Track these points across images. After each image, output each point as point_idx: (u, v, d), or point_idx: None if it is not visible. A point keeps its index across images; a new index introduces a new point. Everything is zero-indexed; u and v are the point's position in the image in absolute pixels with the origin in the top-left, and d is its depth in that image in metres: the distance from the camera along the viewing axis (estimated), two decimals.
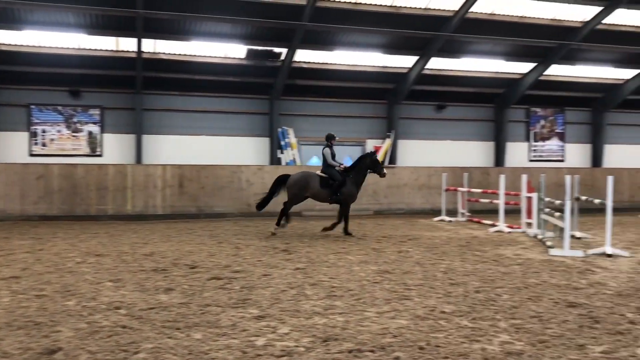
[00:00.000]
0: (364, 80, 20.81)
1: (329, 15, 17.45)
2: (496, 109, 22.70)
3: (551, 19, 18.89)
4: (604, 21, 18.77)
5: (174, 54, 18.60)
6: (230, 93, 20.13)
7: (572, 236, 11.56)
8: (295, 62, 19.31)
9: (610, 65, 21.68)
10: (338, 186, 12.65)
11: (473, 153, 22.65)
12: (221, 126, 20.22)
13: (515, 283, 7.67)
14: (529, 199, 13.79)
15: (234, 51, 19.23)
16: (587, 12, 18.65)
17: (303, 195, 12.84)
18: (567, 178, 10.73)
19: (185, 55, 18.69)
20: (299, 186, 12.74)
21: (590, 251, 10.31)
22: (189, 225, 15.09)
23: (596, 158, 23.65)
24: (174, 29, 17.57)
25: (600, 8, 18.25)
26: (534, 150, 23.18)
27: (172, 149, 19.43)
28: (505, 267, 8.96)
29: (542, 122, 23.25)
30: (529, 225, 13.64)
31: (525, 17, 18.65)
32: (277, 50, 19.02)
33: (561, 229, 10.67)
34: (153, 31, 17.37)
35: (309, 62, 19.84)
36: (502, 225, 14.17)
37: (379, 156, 20.44)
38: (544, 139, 23.23)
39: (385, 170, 13.08)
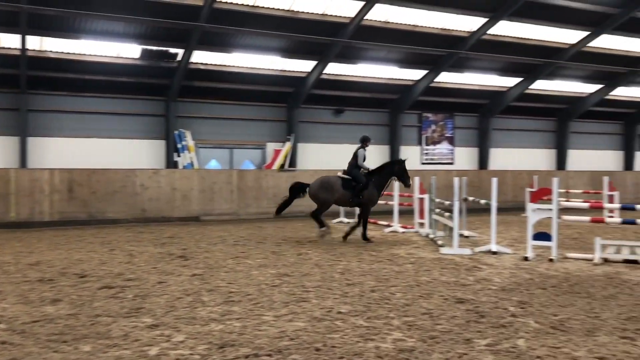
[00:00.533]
0: (264, 84, 20.80)
1: (227, 17, 17.28)
2: (391, 113, 23.48)
3: (441, 29, 19.82)
4: (489, 32, 19.96)
5: (63, 53, 17.65)
6: (123, 94, 19.40)
7: (461, 235, 12.14)
8: (193, 63, 18.94)
9: (495, 74, 23.07)
10: (361, 189, 12.31)
11: (369, 156, 23.18)
12: (114, 128, 19.43)
13: (408, 281, 7.94)
14: (421, 200, 14.34)
15: (128, 51, 18.56)
16: (473, 23, 19.74)
17: (333, 197, 12.40)
18: (456, 180, 11.27)
19: (75, 54, 17.80)
20: (326, 188, 12.37)
21: (477, 249, 10.88)
22: (79, 232, 14.33)
23: (483, 161, 25.07)
24: (62, 26, 16.67)
25: (486, 19, 19.39)
26: (426, 153, 24.19)
27: (60, 152, 18.40)
28: (399, 266, 9.25)
29: (433, 126, 24.33)
30: (422, 225, 14.18)
31: (417, 26, 19.44)
32: (173, 50, 18.57)
33: (451, 229, 11.18)
34: (39, 28, 16.40)
35: (206, 64, 19.53)
36: (396, 225, 14.64)
37: (278, 160, 20.50)
38: (435, 142, 24.31)
39: (410, 181, 12.78)
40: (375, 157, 23.30)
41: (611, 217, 15.21)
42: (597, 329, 5.64)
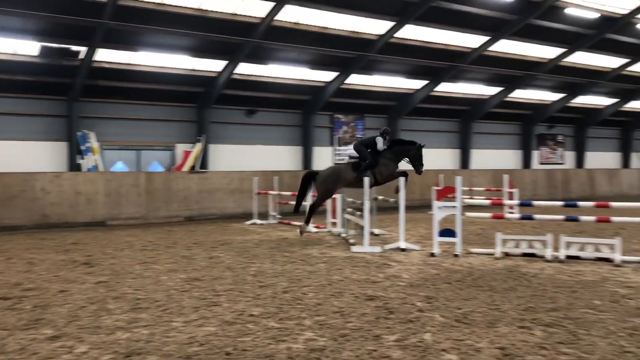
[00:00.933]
0: (173, 83, 20.31)
1: (133, 15, 16.73)
2: (303, 114, 23.63)
3: (351, 31, 20.16)
4: (396, 35, 20.51)
5: None
6: (21, 93, 18.34)
7: (372, 233, 12.40)
8: (96, 61, 18.19)
9: (402, 76, 23.77)
10: (366, 167, 12.13)
11: (283, 157, 23.32)
12: (12, 129, 18.33)
13: (321, 281, 8.01)
14: (334, 199, 14.51)
15: (26, 48, 17.53)
16: (381, 27, 20.23)
17: (337, 188, 12.38)
18: (366, 179, 11.49)
19: None
20: (333, 180, 12.29)
21: (387, 246, 11.15)
22: None
23: None
24: None
25: (393, 23, 19.92)
26: (338, 154, 24.53)
27: None
28: (311, 265, 9.31)
29: (345, 127, 24.73)
30: (334, 224, 14.36)
31: (328, 28, 19.67)
32: (75, 48, 17.75)
33: (362, 227, 11.39)
34: None
35: (111, 62, 18.82)
36: (310, 225, 14.73)
37: (189, 162, 20.09)
38: (346, 143, 24.71)
39: (423, 168, 12.41)
40: (289, 157, 23.40)
41: (511, 213, 16.05)
42: (497, 320, 5.92)
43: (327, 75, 22.49)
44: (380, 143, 12.38)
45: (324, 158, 24.13)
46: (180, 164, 20.57)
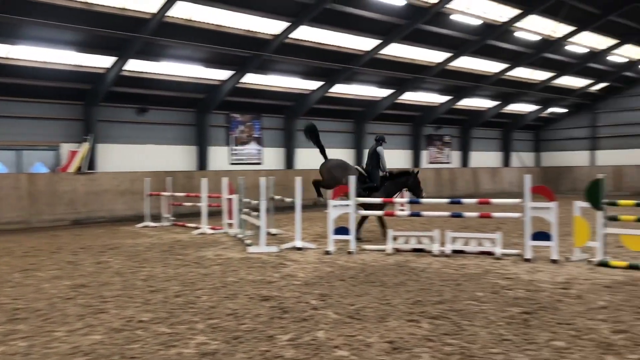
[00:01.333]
0: (57, 79, 19.15)
1: (11, 5, 15.61)
2: (198, 113, 23.15)
3: (246, 30, 19.98)
4: (291, 36, 20.60)
5: None
6: None
7: (269, 233, 12.39)
8: None
9: (298, 77, 23.92)
10: (371, 189, 12.34)
11: (177, 157, 22.72)
12: None
13: (215, 283, 7.88)
14: (230, 200, 14.36)
15: None
16: (277, 27, 20.24)
17: (340, 180, 11.89)
18: (262, 180, 11.47)
19: None
20: (342, 167, 12.36)
21: (283, 246, 11.19)
22: None
23: (289, 161, 25.89)
24: None
25: (288, 24, 19.98)
26: (235, 154, 24.29)
27: None
28: (206, 268, 9.15)
29: (241, 127, 24.52)
30: (230, 225, 14.21)
31: (222, 26, 19.37)
32: None
33: (258, 227, 11.35)
34: None
35: None
36: (205, 227, 14.49)
37: (75, 162, 19.08)
38: (243, 143, 24.52)
39: (424, 194, 12.58)
40: (183, 158, 22.83)
41: (402, 210, 16.64)
42: (388, 315, 6.11)
43: (223, 74, 22.17)
44: (382, 152, 12.84)
45: (219, 158, 23.79)
46: (65, 164, 19.44)
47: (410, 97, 28.68)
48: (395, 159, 30.42)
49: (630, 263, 8.79)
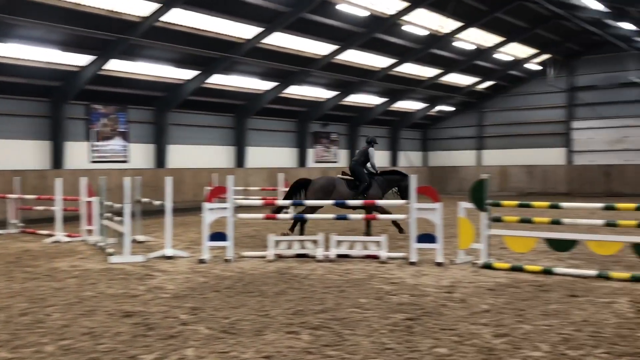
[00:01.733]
0: None
1: None
2: (52, 103, 21.89)
3: (109, 11, 19.16)
4: (162, 19, 20.04)
5: None
6: None
7: (135, 241, 11.98)
8: None
9: (171, 65, 23.34)
10: (365, 188, 13.47)
11: (27, 154, 21.35)
12: None
13: (69, 299, 7.50)
14: (89, 203, 13.73)
15: None
16: (145, 8, 19.59)
17: (326, 199, 12.81)
18: (126, 180, 11.06)
19: None
20: (325, 191, 13.26)
21: (151, 255, 10.87)
22: None
23: (160, 158, 25.19)
24: None
25: (158, 5, 19.40)
26: (96, 150, 23.22)
27: None
28: (59, 281, 8.68)
29: (104, 120, 23.49)
30: (90, 232, 13.60)
31: (81, 4, 18.43)
32: None
33: (122, 234, 10.93)
34: None
35: None
36: (60, 234, 13.76)
37: None
38: (106, 138, 23.49)
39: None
40: (35, 154, 21.50)
41: (286, 213, 16.75)
42: (265, 327, 6.11)
43: (82, 59, 21.10)
44: (372, 153, 13.95)
45: (78, 155, 22.63)
46: None
47: (296, 91, 28.96)
48: (279, 157, 30.63)
49: (513, 265, 9.45)
